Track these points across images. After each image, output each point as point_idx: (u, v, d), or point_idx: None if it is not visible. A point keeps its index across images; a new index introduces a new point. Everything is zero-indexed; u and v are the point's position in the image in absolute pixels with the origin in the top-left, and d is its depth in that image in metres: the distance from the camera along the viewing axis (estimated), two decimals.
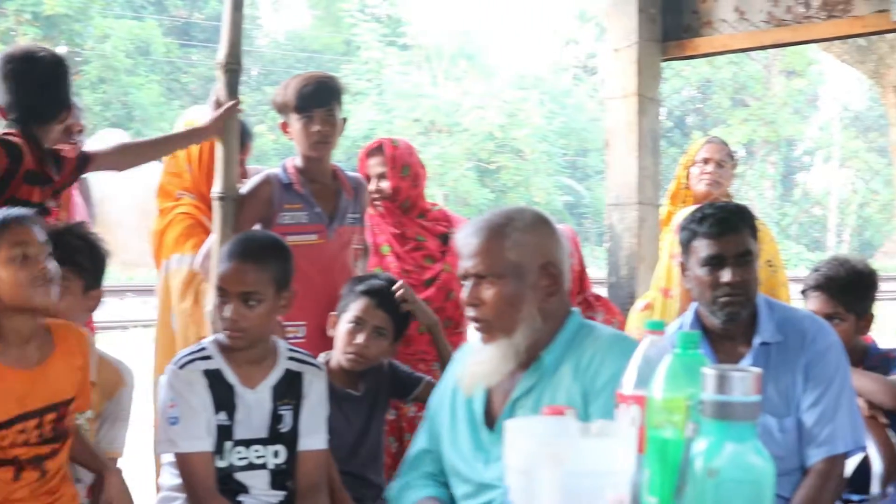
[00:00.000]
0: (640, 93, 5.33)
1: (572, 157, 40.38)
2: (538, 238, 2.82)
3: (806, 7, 5.00)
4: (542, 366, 2.79)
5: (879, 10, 4.77)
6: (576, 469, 1.68)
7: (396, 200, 4.61)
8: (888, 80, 9.78)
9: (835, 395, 3.24)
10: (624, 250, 5.31)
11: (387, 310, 3.87)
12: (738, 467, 1.57)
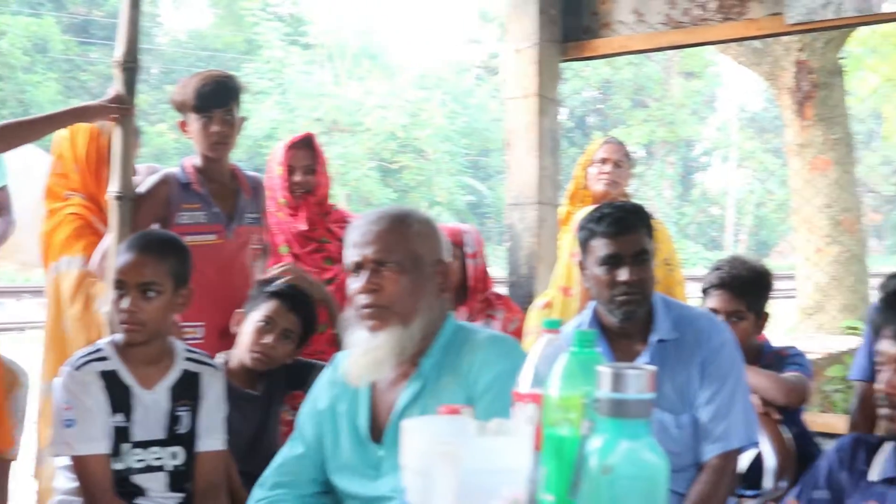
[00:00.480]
0: (541, 93, 5.36)
1: (475, 157, 40.52)
2: (434, 234, 2.81)
3: (702, 9, 5.07)
4: (423, 374, 2.74)
5: (773, 13, 4.85)
6: (472, 467, 1.68)
7: (316, 195, 4.59)
8: (783, 81, 9.95)
9: (729, 391, 3.29)
10: (524, 250, 5.34)
11: (297, 313, 3.87)
12: (633, 464, 1.58)
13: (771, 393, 3.83)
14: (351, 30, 40.02)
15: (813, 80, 9.78)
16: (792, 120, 10.04)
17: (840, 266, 9.68)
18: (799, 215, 10.31)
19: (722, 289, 3.97)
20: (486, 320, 4.50)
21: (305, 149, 4.58)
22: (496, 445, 1.77)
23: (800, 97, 9.84)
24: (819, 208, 9.81)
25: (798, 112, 9.91)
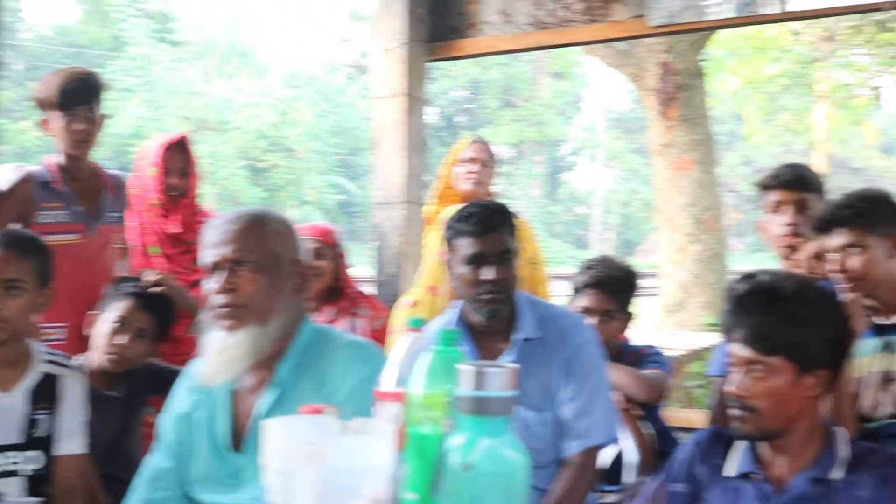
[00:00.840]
0: (408, 92, 5.37)
1: (344, 156, 40.47)
2: (292, 234, 2.78)
3: (567, 11, 5.12)
4: (281, 380, 2.69)
5: (636, 16, 4.93)
6: (334, 466, 1.68)
7: (188, 197, 4.53)
8: (647, 82, 10.12)
9: (591, 389, 3.33)
10: (391, 248, 5.34)
11: (151, 312, 3.82)
12: (493, 461, 1.59)
13: (632, 390, 3.90)
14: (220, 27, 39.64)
15: (676, 81, 9.97)
16: (656, 120, 10.21)
17: (701, 264, 9.87)
18: (662, 214, 10.49)
19: (595, 288, 4.02)
20: (352, 319, 4.50)
21: (180, 150, 4.52)
22: (358, 444, 1.77)
23: (663, 98, 10.02)
24: (681, 207, 9.99)
25: (662, 112, 10.08)
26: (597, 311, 3.99)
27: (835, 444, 2.68)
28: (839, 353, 2.73)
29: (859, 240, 3.31)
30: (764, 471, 2.70)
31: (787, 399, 2.63)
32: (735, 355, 2.66)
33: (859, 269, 3.31)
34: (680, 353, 8.12)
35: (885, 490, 2.58)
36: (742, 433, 2.68)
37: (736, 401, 2.65)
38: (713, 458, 2.79)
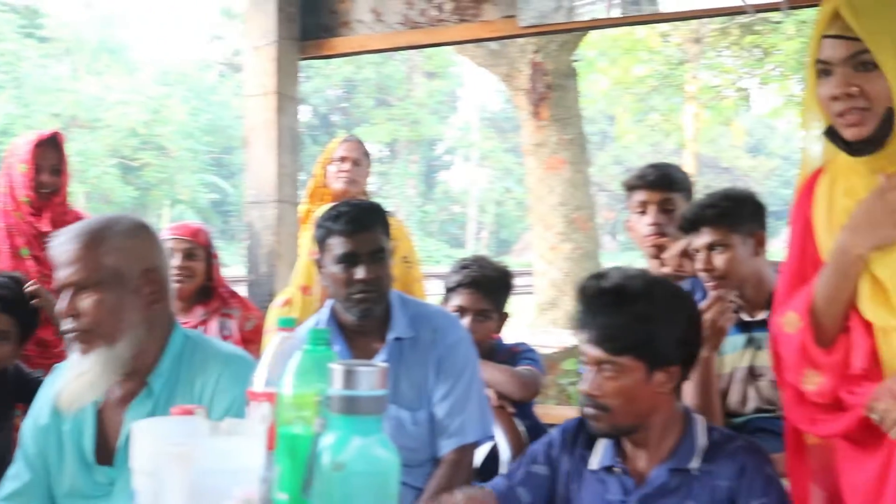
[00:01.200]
0: (280, 91, 5.33)
1: (218, 155, 40.08)
2: (138, 243, 2.66)
3: (439, 10, 5.14)
4: (153, 393, 2.64)
5: (507, 16, 4.96)
6: (204, 468, 1.66)
7: (60, 196, 4.44)
8: (519, 83, 10.19)
9: (465, 387, 3.35)
10: (263, 248, 5.29)
11: (11, 313, 3.72)
12: (364, 460, 1.59)
13: (506, 388, 3.92)
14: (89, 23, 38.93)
15: (547, 81, 10.06)
16: (528, 120, 10.29)
17: (574, 263, 9.98)
18: (535, 213, 10.58)
19: (470, 287, 4.03)
20: (223, 319, 4.45)
21: (53, 147, 4.43)
22: (229, 445, 1.76)
23: (535, 98, 10.10)
24: (553, 206, 10.09)
25: (533, 112, 10.16)
26: (471, 310, 4.00)
27: (693, 434, 2.74)
28: (689, 349, 2.79)
29: (723, 238, 3.38)
30: (626, 464, 2.74)
31: (639, 397, 2.67)
32: (586, 355, 2.70)
33: (724, 267, 3.38)
34: (553, 350, 8.21)
35: (742, 480, 2.64)
36: (597, 431, 2.72)
37: (589, 399, 2.69)
38: (578, 449, 2.82)
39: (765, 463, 2.68)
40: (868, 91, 2.31)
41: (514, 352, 4.12)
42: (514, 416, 3.92)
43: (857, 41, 2.31)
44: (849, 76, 2.32)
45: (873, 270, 2.37)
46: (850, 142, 2.36)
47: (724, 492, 2.64)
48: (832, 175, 2.51)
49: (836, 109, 2.35)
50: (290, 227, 5.30)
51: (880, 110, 2.31)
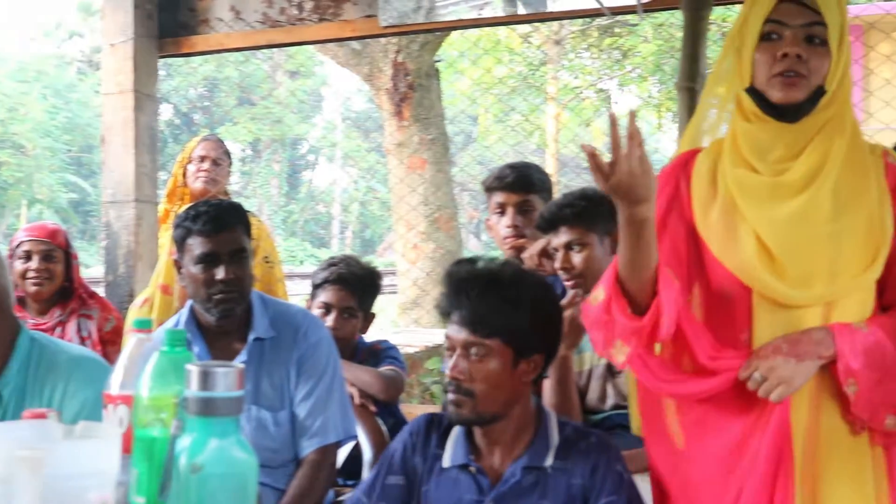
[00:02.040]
0: (137, 89, 5.25)
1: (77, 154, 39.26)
2: None
3: (299, 10, 5.12)
4: (1, 401, 2.60)
5: (368, 16, 4.97)
6: (57, 472, 1.63)
7: None
8: (381, 82, 10.19)
9: (326, 386, 3.35)
10: (122, 248, 5.21)
11: None
12: (222, 462, 1.58)
13: (370, 388, 3.93)
14: None
15: (409, 81, 10.08)
16: (390, 120, 10.30)
17: (436, 262, 10.00)
18: (397, 213, 10.59)
19: (337, 284, 4.03)
20: (81, 321, 4.38)
21: None
22: (83, 449, 1.73)
23: (397, 98, 10.11)
24: (415, 206, 10.11)
25: (395, 112, 10.17)
26: (337, 306, 4.00)
27: (547, 431, 2.76)
28: (552, 341, 2.83)
29: (581, 238, 3.43)
30: (480, 462, 2.75)
31: (504, 383, 2.69)
32: (453, 338, 2.70)
33: (582, 265, 3.43)
34: (417, 349, 8.22)
35: (595, 478, 2.67)
36: (459, 418, 2.71)
37: (453, 384, 2.69)
38: (430, 448, 2.82)
39: (616, 461, 2.72)
40: (812, 63, 2.40)
41: (377, 350, 4.13)
42: (377, 415, 3.92)
43: (816, 13, 2.40)
44: (799, 42, 2.41)
45: (762, 237, 2.44)
46: (776, 104, 2.43)
47: (577, 489, 2.68)
48: (715, 152, 2.58)
49: (777, 69, 2.42)
50: (149, 227, 5.23)
51: (814, 84, 2.41)
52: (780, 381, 2.34)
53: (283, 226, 41.21)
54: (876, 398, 2.36)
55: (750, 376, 2.37)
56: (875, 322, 2.42)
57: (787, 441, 2.39)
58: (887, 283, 2.48)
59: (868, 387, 2.35)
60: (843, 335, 2.37)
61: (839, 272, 2.41)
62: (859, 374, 2.35)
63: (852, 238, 2.42)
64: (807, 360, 2.36)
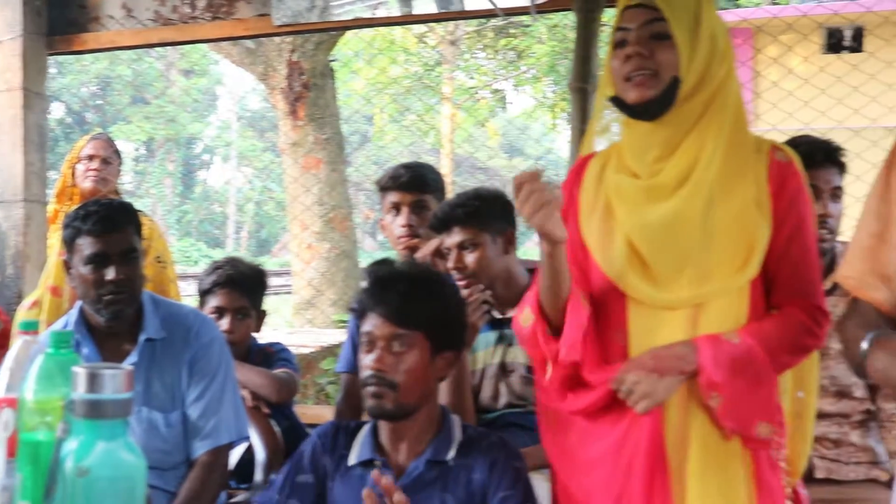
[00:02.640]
0: (26, 87, 5.15)
1: None
2: None
3: (192, 8, 5.07)
4: None
5: (261, 14, 4.94)
6: None
7: None
8: (276, 82, 10.15)
9: (219, 387, 3.32)
10: (10, 249, 5.11)
11: None
12: (109, 465, 1.57)
13: (264, 390, 3.91)
14: None
15: (304, 81, 10.05)
16: (284, 119, 10.26)
17: (331, 262, 10.00)
18: (291, 213, 10.56)
19: (227, 287, 4.00)
20: None
21: None
22: None
23: (292, 97, 10.08)
24: (310, 206, 10.08)
25: (290, 112, 10.14)
26: (230, 308, 3.98)
27: (450, 428, 2.82)
28: (461, 339, 2.89)
29: (474, 237, 3.45)
30: (386, 457, 2.79)
31: (423, 376, 2.74)
32: (375, 333, 2.74)
33: (475, 265, 3.46)
34: (312, 350, 8.21)
35: (493, 473, 2.73)
36: (380, 410, 2.75)
37: (375, 377, 2.72)
38: (337, 449, 2.86)
39: (514, 458, 2.79)
40: (658, 57, 2.46)
41: (269, 353, 4.12)
42: (271, 416, 3.91)
43: (654, 10, 2.47)
44: (643, 41, 2.47)
45: (633, 240, 2.49)
46: (632, 105, 2.48)
47: (477, 484, 2.73)
48: (605, 158, 2.64)
49: (625, 71, 2.49)
50: (38, 227, 5.13)
51: (667, 78, 2.46)
52: (644, 395, 2.40)
53: (177, 226, 40.79)
54: (745, 407, 2.42)
55: (619, 389, 2.43)
56: (747, 330, 2.46)
57: (660, 447, 2.45)
58: (773, 283, 2.54)
59: (735, 397, 2.41)
60: (705, 349, 2.42)
61: (709, 274, 2.46)
62: (723, 387, 2.40)
63: (723, 239, 2.47)
64: (669, 375, 2.41)
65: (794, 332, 2.49)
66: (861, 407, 3.46)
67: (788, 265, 2.52)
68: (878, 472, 3.44)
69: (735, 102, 2.56)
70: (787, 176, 2.54)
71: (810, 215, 2.58)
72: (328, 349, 8.28)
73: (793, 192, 2.53)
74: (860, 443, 3.46)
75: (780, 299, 2.53)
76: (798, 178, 2.55)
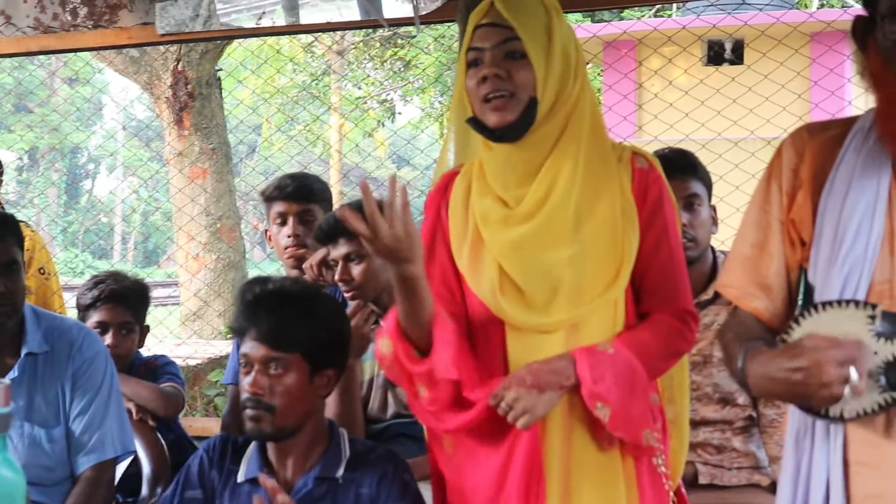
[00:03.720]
0: None
1: None
2: None
3: (73, 16, 4.99)
4: None
5: (145, 23, 4.88)
6: None
7: None
8: (160, 91, 10.05)
9: (103, 402, 3.28)
10: None
11: None
12: None
13: (151, 405, 3.87)
14: None
15: (190, 90, 9.96)
16: (170, 129, 10.17)
17: (218, 273, 9.92)
18: (178, 224, 10.45)
19: (110, 302, 3.94)
20: None
21: None
22: None
23: (177, 107, 9.99)
24: (197, 217, 9.99)
25: (176, 121, 10.05)
26: (114, 323, 3.93)
27: (339, 445, 2.82)
28: (344, 356, 2.88)
29: (359, 249, 3.44)
30: (274, 474, 2.78)
31: (302, 397, 2.73)
32: (251, 355, 2.72)
33: (361, 277, 3.46)
34: (199, 361, 8.14)
35: (382, 486, 2.74)
36: (258, 434, 2.74)
37: (252, 401, 2.71)
38: (226, 464, 2.84)
39: (403, 470, 2.80)
40: (515, 78, 2.43)
41: (154, 366, 4.07)
42: (157, 429, 3.87)
43: (508, 29, 2.44)
44: (498, 61, 2.44)
45: (503, 265, 2.49)
46: (493, 129, 2.46)
47: (365, 498, 2.73)
48: (468, 177, 2.62)
49: (482, 93, 2.45)
50: None
51: (524, 98, 2.44)
52: (524, 410, 2.38)
53: (62, 236, 40.04)
54: (630, 415, 2.44)
55: (498, 404, 2.41)
56: (621, 339, 2.48)
57: (537, 464, 2.46)
58: (642, 290, 2.56)
59: (621, 406, 2.42)
60: (583, 361, 2.42)
61: (582, 294, 2.47)
62: (608, 396, 2.40)
63: (593, 258, 2.47)
64: (548, 390, 2.40)
65: (666, 337, 2.52)
66: (743, 413, 3.52)
67: (656, 271, 2.54)
68: (760, 477, 3.50)
69: (591, 115, 2.55)
70: (650, 182, 2.55)
71: (674, 219, 2.59)
72: (216, 360, 8.21)
73: (655, 197, 2.54)
74: (742, 449, 3.51)
75: (650, 305, 2.56)
76: (660, 182, 2.56)
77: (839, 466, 2.18)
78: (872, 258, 2.15)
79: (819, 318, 2.13)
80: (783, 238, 2.34)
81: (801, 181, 2.31)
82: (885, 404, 2.07)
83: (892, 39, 2.15)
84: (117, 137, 45.29)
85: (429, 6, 4.52)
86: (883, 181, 2.19)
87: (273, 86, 15.29)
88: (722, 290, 2.46)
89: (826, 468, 2.19)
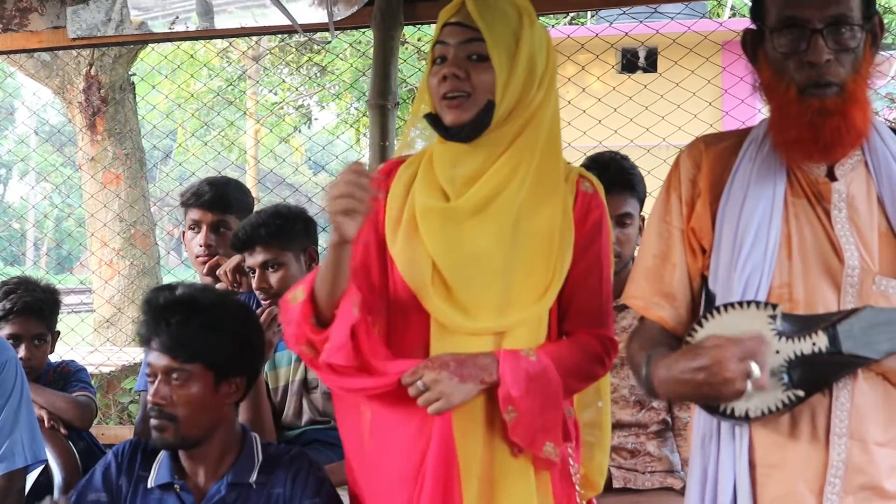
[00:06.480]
0: None
1: None
2: None
3: None
4: None
5: (56, 27, 4.84)
6: None
7: None
8: (73, 96, 9.92)
9: (13, 410, 3.24)
10: None
11: None
12: None
13: (65, 415, 3.84)
14: None
15: (103, 95, 9.84)
16: (82, 134, 10.04)
17: (131, 280, 9.81)
18: (91, 230, 10.33)
19: (24, 314, 3.88)
20: None
21: None
22: None
23: (90, 112, 9.86)
24: (110, 223, 9.88)
25: (88, 126, 9.92)
26: (28, 336, 3.88)
27: (252, 450, 2.81)
28: (253, 362, 2.87)
29: (277, 257, 3.45)
30: (185, 481, 2.77)
31: (206, 406, 2.72)
32: (154, 365, 2.72)
33: (278, 285, 3.45)
34: (113, 369, 8.06)
35: (296, 484, 2.75)
36: (163, 443, 2.74)
37: (156, 410, 2.70)
38: (135, 470, 2.82)
39: (316, 468, 2.83)
40: (474, 79, 2.46)
41: (66, 372, 4.03)
42: (68, 437, 3.83)
43: (474, 30, 2.46)
44: (460, 61, 2.46)
45: (437, 263, 2.49)
46: (448, 127, 2.49)
47: (278, 498, 2.74)
48: (415, 167, 2.63)
49: (441, 91, 2.48)
50: None
51: (482, 100, 2.46)
52: (441, 395, 2.39)
53: None
54: (536, 425, 2.45)
55: (413, 383, 2.41)
56: (545, 350, 2.50)
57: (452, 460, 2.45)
58: (567, 311, 2.59)
59: (529, 414, 2.44)
60: (507, 362, 2.44)
61: (510, 303, 2.49)
62: (519, 402, 2.42)
63: (526, 270, 2.49)
64: (469, 382, 2.41)
65: (587, 359, 2.55)
66: (658, 417, 3.56)
67: (584, 295, 2.57)
68: (673, 481, 3.54)
69: (550, 126, 2.57)
70: (592, 207, 2.58)
71: (608, 247, 2.63)
72: (130, 368, 8.13)
73: (595, 222, 2.58)
74: (656, 452, 3.55)
75: (573, 327, 2.59)
76: (601, 209, 2.60)
77: (745, 469, 2.21)
78: (771, 263, 2.21)
79: (721, 320, 2.18)
80: (684, 247, 2.38)
81: (700, 190, 2.36)
82: (788, 402, 2.12)
83: (780, 52, 2.22)
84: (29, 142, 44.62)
85: (343, 12, 4.53)
86: (778, 188, 2.25)
87: (188, 91, 15.15)
88: (628, 302, 2.49)
89: (732, 471, 2.23)
